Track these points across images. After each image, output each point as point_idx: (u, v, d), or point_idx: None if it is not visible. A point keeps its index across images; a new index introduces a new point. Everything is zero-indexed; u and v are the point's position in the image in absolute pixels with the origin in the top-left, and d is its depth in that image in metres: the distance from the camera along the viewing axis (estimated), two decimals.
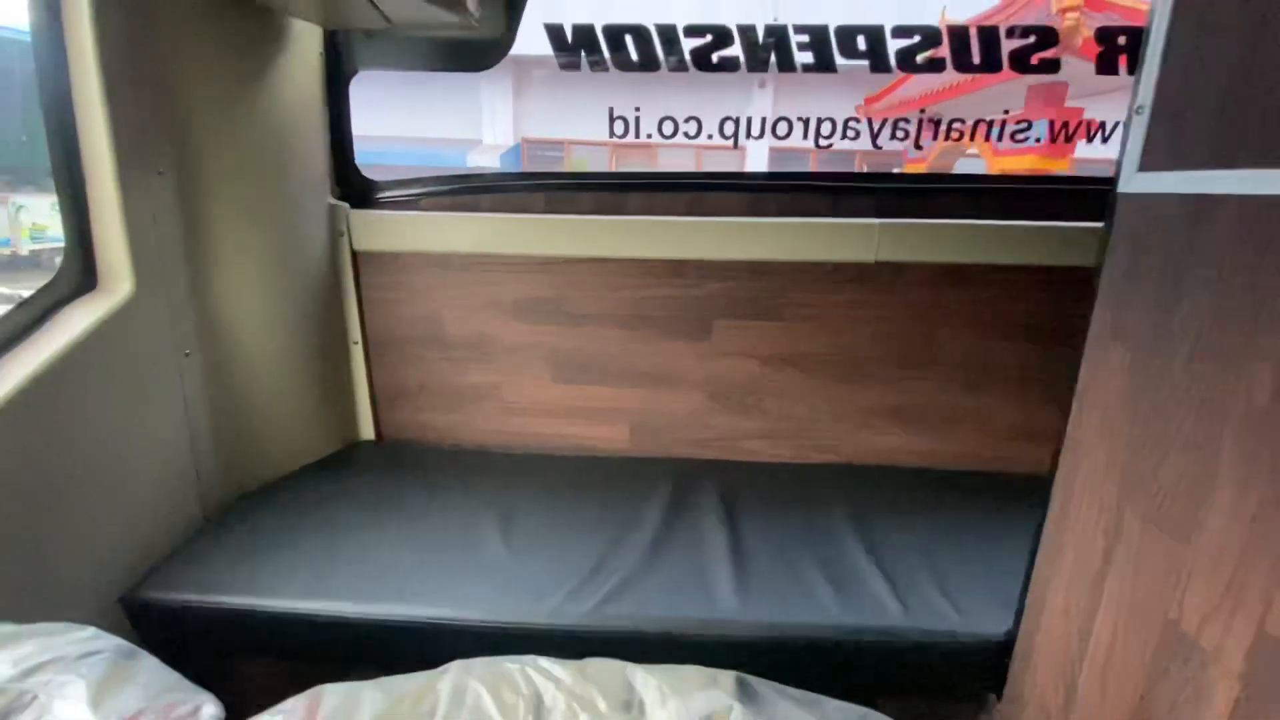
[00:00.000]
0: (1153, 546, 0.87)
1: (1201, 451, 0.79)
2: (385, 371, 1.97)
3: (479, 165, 12.89)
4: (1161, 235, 0.86)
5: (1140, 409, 0.89)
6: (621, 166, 7.15)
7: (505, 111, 13.17)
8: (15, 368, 1.15)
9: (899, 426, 1.88)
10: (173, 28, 1.35)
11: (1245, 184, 0.73)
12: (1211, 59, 0.80)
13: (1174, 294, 0.83)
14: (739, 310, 1.84)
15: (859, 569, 1.39)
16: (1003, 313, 1.78)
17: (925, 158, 7.12)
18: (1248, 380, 0.72)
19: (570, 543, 1.47)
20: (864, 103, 4.37)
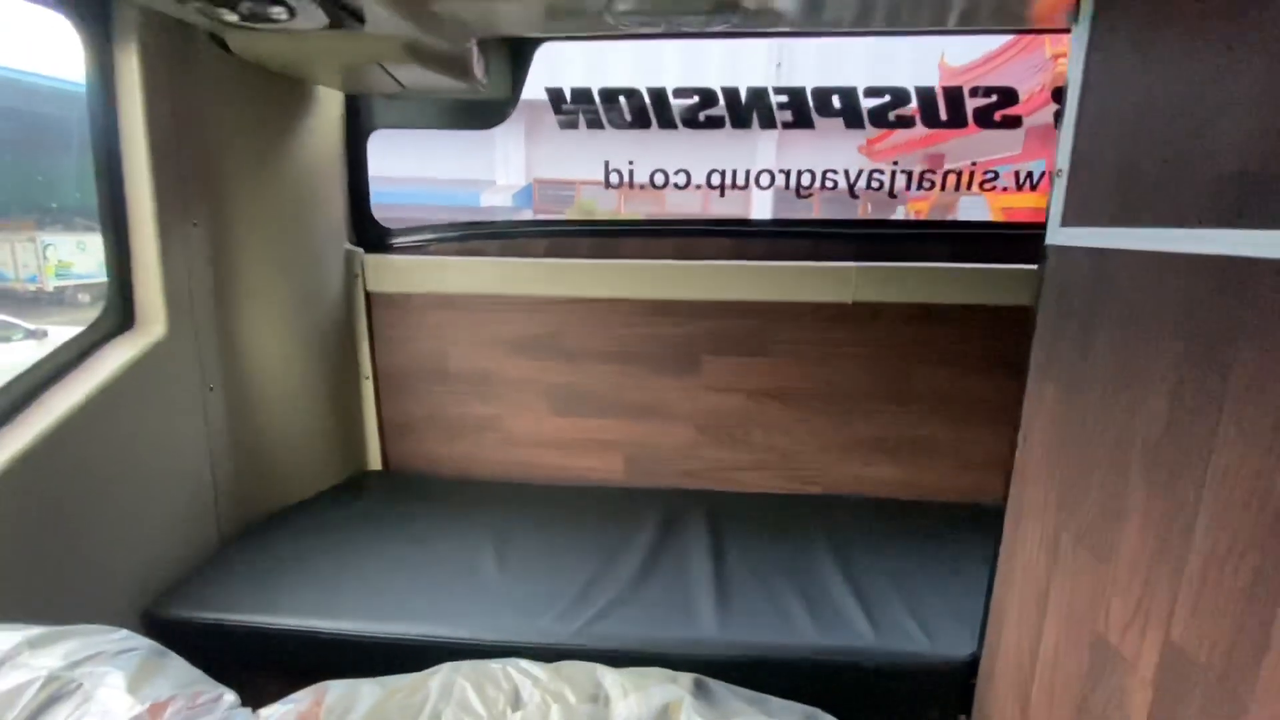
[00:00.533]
0: (1083, 566, 0.95)
1: (1115, 477, 0.87)
2: (393, 404, 2.09)
3: (492, 204, 13.22)
4: (1079, 283, 0.97)
5: (1069, 440, 0.99)
6: (629, 205, 7.40)
7: (518, 154, 13.61)
8: (61, 398, 1.28)
9: (879, 458, 1.96)
10: (212, 94, 1.52)
11: (1139, 241, 0.84)
12: (1111, 129, 0.92)
13: (1089, 336, 0.93)
14: (726, 347, 1.95)
15: (834, 593, 1.46)
16: (976, 349, 1.87)
17: (929, 197, 7.30)
18: (1145, 413, 0.81)
19: (562, 567, 1.55)
20: (866, 144, 4.53)
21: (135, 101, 1.37)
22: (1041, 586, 1.06)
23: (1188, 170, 0.76)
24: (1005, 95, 1.82)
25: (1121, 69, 0.91)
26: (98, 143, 1.39)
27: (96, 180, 1.40)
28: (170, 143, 1.44)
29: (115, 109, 1.38)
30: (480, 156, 13.78)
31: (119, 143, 1.40)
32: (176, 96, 1.44)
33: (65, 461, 1.26)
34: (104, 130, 1.39)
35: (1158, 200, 0.82)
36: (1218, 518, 0.71)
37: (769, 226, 2.00)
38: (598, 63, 2.34)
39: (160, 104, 1.41)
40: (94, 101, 1.37)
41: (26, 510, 1.19)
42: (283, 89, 1.68)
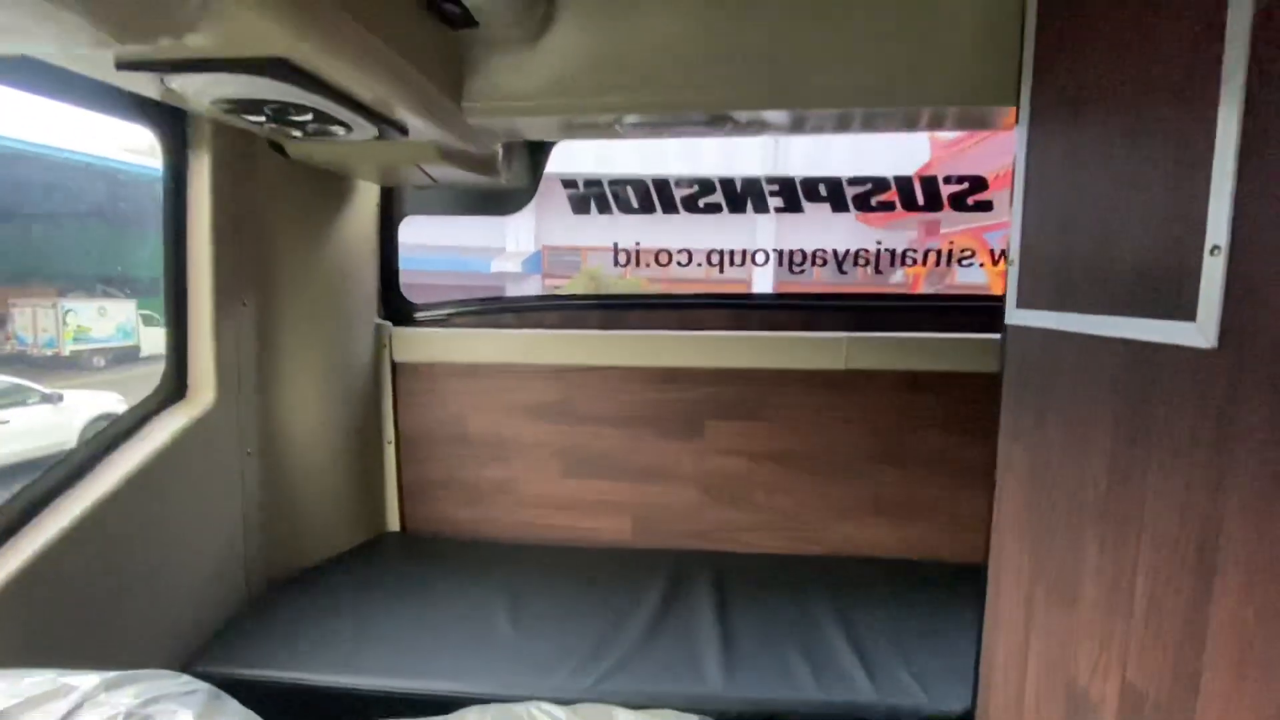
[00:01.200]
0: (1055, 617, 1.04)
1: (1073, 534, 0.98)
2: (414, 467, 2.21)
3: (502, 270, 13.66)
4: (1033, 358, 1.10)
5: (1035, 500, 1.09)
6: (635, 271, 7.71)
7: (528, 223, 14.17)
8: (121, 463, 1.41)
9: (876, 519, 2.04)
10: (268, 191, 1.72)
11: (1074, 324, 0.98)
12: (1049, 224, 1.08)
13: (1044, 405, 1.06)
14: (728, 412, 2.08)
15: (836, 651, 1.52)
16: (963, 414, 1.99)
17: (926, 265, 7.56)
18: (1090, 476, 0.93)
19: (573, 626, 1.63)
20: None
21: (203, 200, 1.57)
22: (1022, 638, 1.14)
23: (1106, 265, 0.91)
24: (975, 182, 2.01)
25: (1053, 170, 1.07)
26: (168, 234, 1.58)
27: (164, 266, 1.58)
28: (229, 233, 1.63)
29: (186, 204, 1.57)
30: (491, 224, 14.34)
31: (186, 234, 1.58)
32: (238, 195, 1.64)
33: (122, 522, 1.37)
34: (174, 223, 1.58)
35: (1085, 289, 0.96)
36: (1153, 567, 0.81)
37: (766, 300, 2.16)
38: (606, 152, 2.57)
39: (224, 201, 1.60)
40: (168, 198, 1.57)
41: (85, 568, 1.30)
42: (328, 183, 1.89)
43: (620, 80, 1.44)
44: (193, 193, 1.58)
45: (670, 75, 1.43)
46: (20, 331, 6.15)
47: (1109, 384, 0.89)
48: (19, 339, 6.24)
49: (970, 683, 1.36)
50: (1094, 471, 0.92)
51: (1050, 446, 1.04)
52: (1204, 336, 0.72)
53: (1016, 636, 1.15)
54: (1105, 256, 0.92)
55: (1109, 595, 0.90)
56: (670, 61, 1.42)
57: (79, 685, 0.86)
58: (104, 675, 0.88)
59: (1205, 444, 0.73)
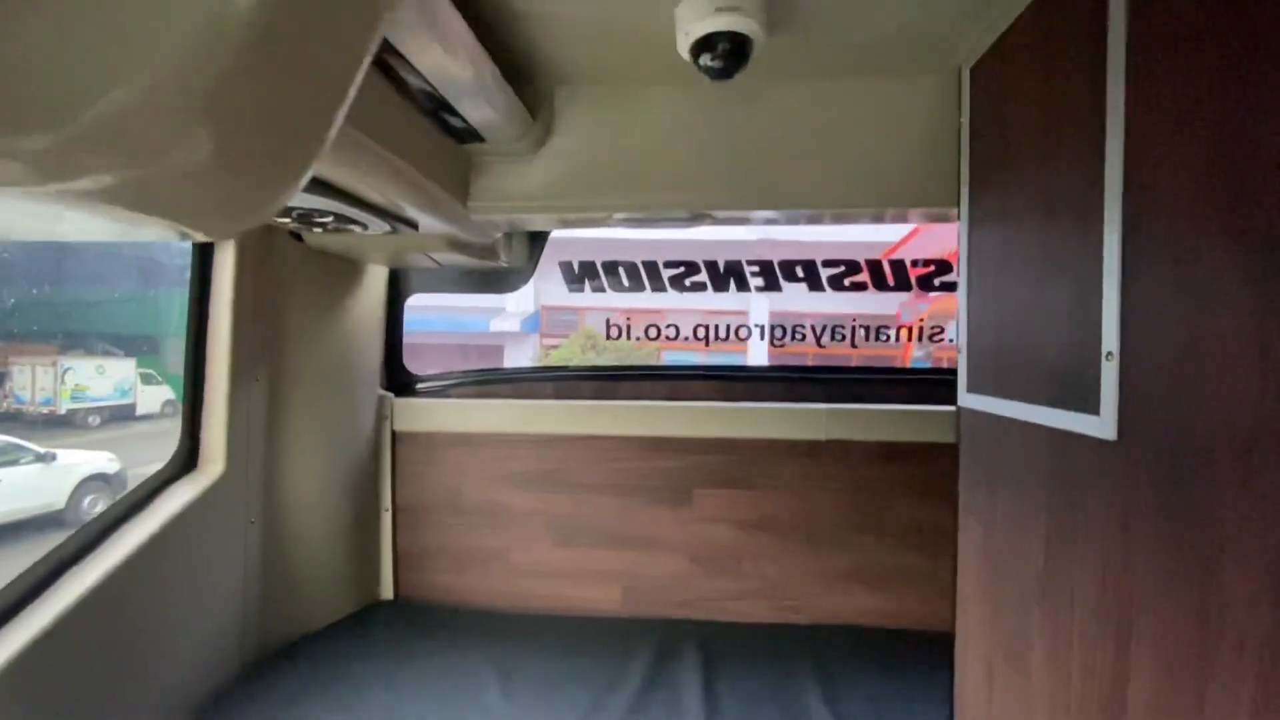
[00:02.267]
0: (1011, 684, 1.10)
1: (1022, 604, 1.06)
2: (408, 536, 2.26)
3: (501, 329, 13.84)
4: (982, 438, 1.21)
5: (990, 570, 1.18)
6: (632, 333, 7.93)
7: (527, 285, 14.52)
8: (135, 533, 1.48)
9: (859, 587, 2.09)
10: (284, 272, 1.86)
11: (1010, 410, 1.09)
12: (988, 317, 1.21)
13: (993, 481, 1.16)
14: (715, 481, 2.16)
15: (817, 718, 1.56)
16: (937, 484, 2.08)
17: (919, 318, 7.77)
18: (1032, 549, 1.02)
19: (563, 694, 1.66)
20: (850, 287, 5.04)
21: (226, 283, 1.70)
22: (986, 706, 1.19)
23: (1033, 359, 1.03)
24: (941, 266, 2.18)
25: (988, 269, 1.21)
26: (191, 313, 1.70)
27: (186, 345, 1.70)
28: (248, 314, 1.76)
29: (209, 287, 1.71)
30: None
31: (209, 314, 1.71)
32: (258, 279, 1.78)
33: (129, 594, 1.43)
34: (199, 304, 1.71)
35: (1019, 379, 1.08)
36: (1084, 636, 0.89)
37: (751, 372, 2.28)
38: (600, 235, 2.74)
39: (245, 284, 1.74)
40: (194, 282, 1.70)
41: (90, 638, 1.35)
42: (340, 268, 2.04)
43: (611, 183, 1.60)
44: (216, 276, 1.71)
45: (656, 179, 1.60)
46: (18, 390, 6.19)
47: (1042, 467, 1.00)
48: (16, 398, 6.28)
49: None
50: (1033, 546, 1.01)
51: (998, 521, 1.13)
52: (1107, 429, 0.83)
53: (980, 705, 1.21)
54: (1032, 351, 1.04)
55: (1052, 664, 0.97)
56: (656, 168, 1.59)
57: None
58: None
59: (1115, 526, 0.83)
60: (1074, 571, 0.91)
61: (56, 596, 1.32)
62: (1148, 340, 0.78)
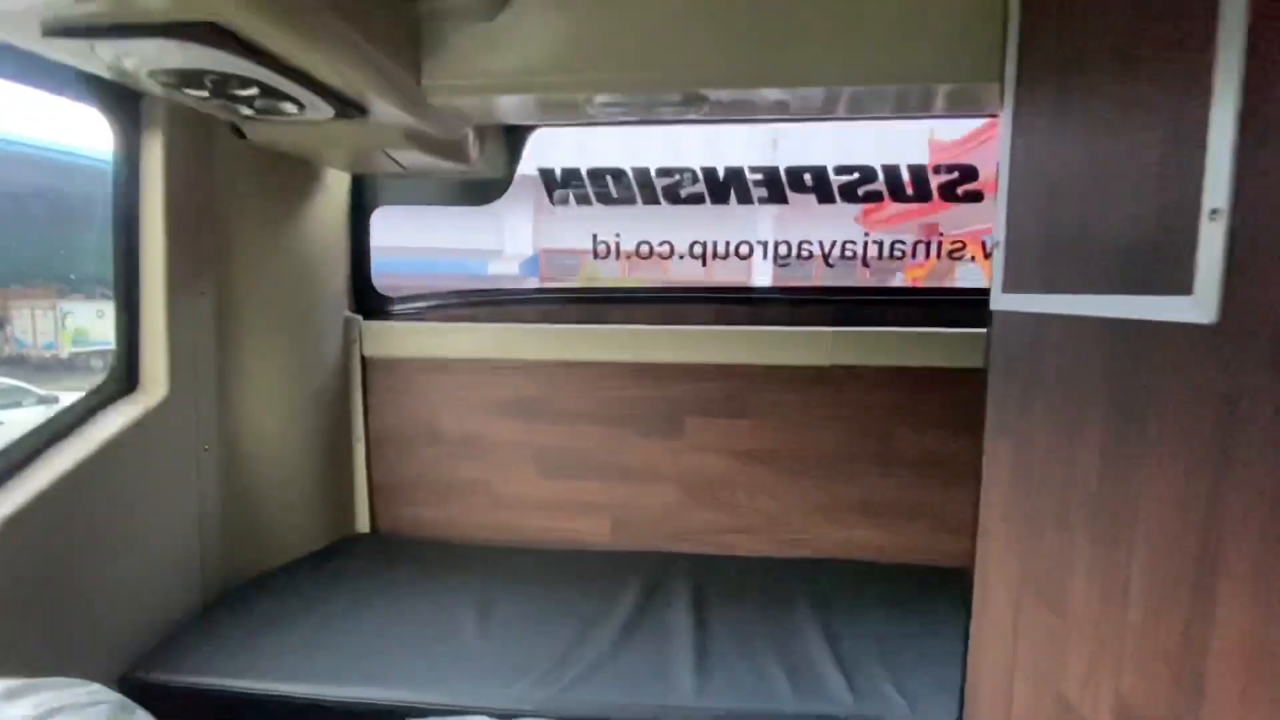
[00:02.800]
0: (1043, 623, 0.96)
1: (1062, 531, 0.90)
2: (384, 467, 2.13)
3: (499, 273, 13.64)
4: (1019, 345, 1.03)
5: (1022, 497, 1.02)
6: (634, 274, 7.67)
7: (525, 226, 14.17)
8: (62, 458, 1.33)
9: (863, 521, 1.96)
10: (228, 176, 1.65)
11: (1062, 306, 0.90)
12: (1034, 205, 1.01)
13: (1030, 393, 0.98)
14: (709, 409, 2.00)
15: (815, 659, 1.44)
16: (953, 412, 1.91)
17: (924, 265, 7.48)
18: (1082, 467, 0.85)
19: (542, 631, 1.55)
20: (863, 214, 4.77)
21: (157, 185, 1.50)
22: (1009, 647, 1.06)
23: (1095, 241, 0.84)
24: (966, 172, 1.95)
25: (1039, 151, 1.00)
26: (118, 219, 1.51)
27: (114, 253, 1.51)
28: (186, 220, 1.56)
29: (138, 190, 1.50)
30: (489, 228, 14.35)
31: (139, 220, 1.51)
32: (194, 179, 1.57)
33: (61, 520, 1.30)
34: (126, 208, 1.50)
35: (1073, 269, 0.89)
36: (1150, 568, 0.73)
37: (750, 293, 2.09)
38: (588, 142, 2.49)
39: (179, 186, 1.53)
40: (119, 182, 1.50)
41: (18, 567, 1.22)
42: (294, 171, 1.82)
43: (589, 57, 1.37)
44: (146, 176, 1.51)
45: (643, 52, 1.36)
46: (20, 335, 6.10)
47: (1099, 369, 0.82)
48: (19, 342, 6.20)
49: (956, 695, 1.28)
50: (1084, 466, 0.85)
51: (1037, 440, 0.96)
52: (1202, 311, 0.65)
53: (1004, 646, 1.08)
54: (1094, 231, 0.85)
55: (1101, 600, 0.82)
56: (643, 37, 1.35)
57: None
58: (7, 683, 0.80)
59: (1205, 432, 0.65)
60: (1140, 493, 0.74)
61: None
62: (1273, 190, 0.59)
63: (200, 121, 1.55)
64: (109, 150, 1.49)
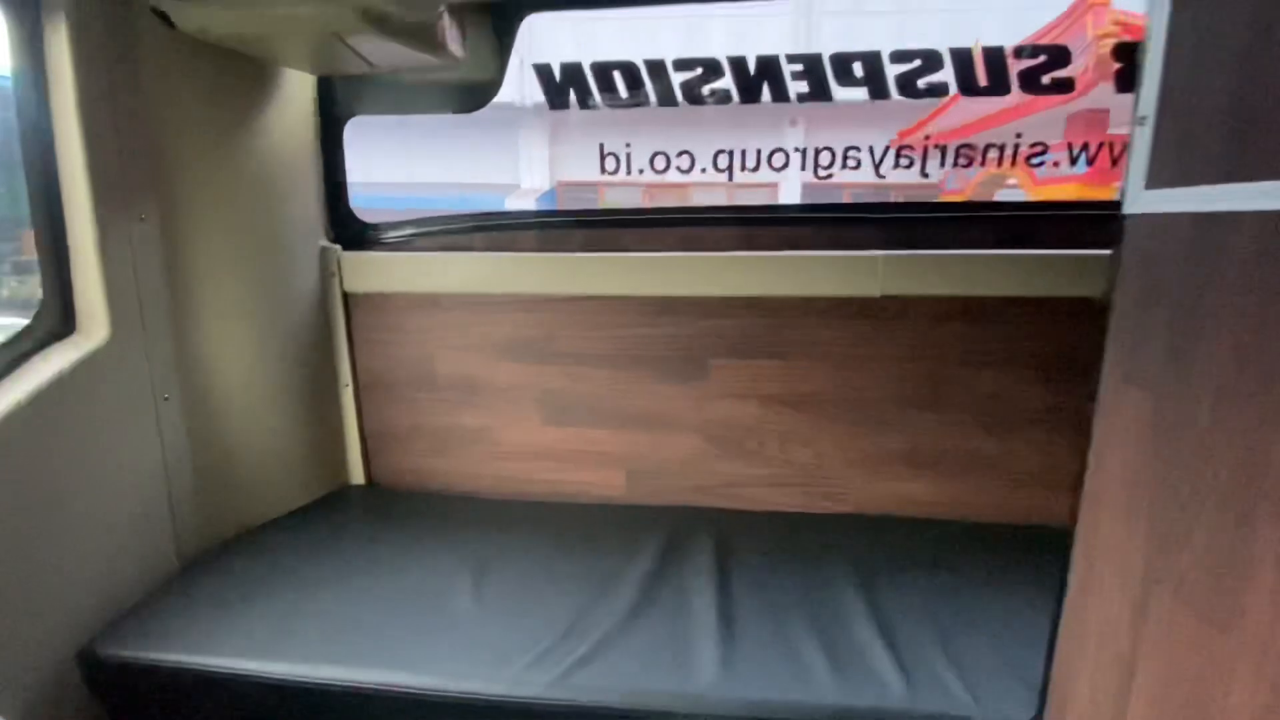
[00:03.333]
0: (1187, 630, 0.72)
1: (1236, 518, 0.65)
2: (376, 414, 1.94)
3: (516, 208, 13.28)
4: (1175, 260, 0.74)
5: (1164, 464, 0.76)
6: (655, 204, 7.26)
7: (541, 157, 13.62)
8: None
9: (913, 472, 1.72)
10: (158, 76, 1.38)
11: (1263, 198, 0.61)
12: (1220, 58, 0.69)
13: (1192, 328, 0.71)
14: (736, 349, 1.75)
15: (860, 639, 1.24)
16: (1023, 349, 1.63)
17: (963, 190, 6.90)
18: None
19: (545, 601, 1.37)
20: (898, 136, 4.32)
21: (66, 84, 1.24)
22: (1125, 648, 0.83)
23: None
24: (1056, 55, 1.58)
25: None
26: (27, 131, 1.26)
27: (26, 171, 1.27)
28: (109, 129, 1.31)
29: (45, 91, 1.25)
30: (504, 161, 13.84)
31: (51, 130, 1.26)
32: (115, 78, 1.31)
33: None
34: (34, 117, 1.26)
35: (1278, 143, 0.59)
36: None
37: (785, 212, 1.79)
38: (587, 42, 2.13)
39: (96, 86, 1.27)
40: (22, 84, 1.24)
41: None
42: (242, 70, 1.54)
43: None
44: (53, 75, 1.25)
45: None
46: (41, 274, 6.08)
47: None
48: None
49: (1034, 687, 1.06)
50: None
51: (1199, 391, 0.69)
52: None
53: (1116, 644, 0.84)
54: None
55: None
56: None
57: None
58: None
59: None
60: None
61: None
62: None
63: (114, 5, 1.27)
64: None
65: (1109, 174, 1.99)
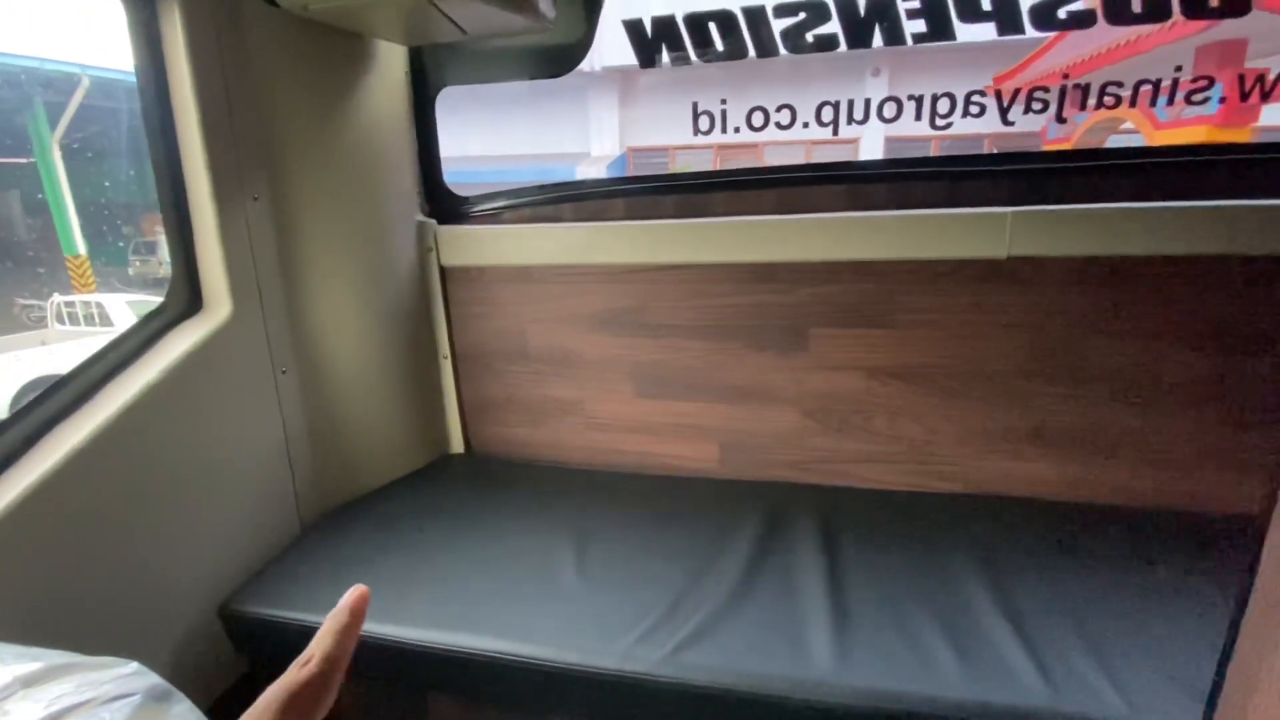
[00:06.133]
0: None
1: None
2: (473, 385, 1.97)
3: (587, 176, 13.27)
4: None
5: None
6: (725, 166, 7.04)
7: (611, 123, 13.48)
8: (125, 387, 1.23)
9: (1039, 451, 1.58)
10: (263, 58, 1.41)
11: None
12: None
13: None
14: (840, 318, 1.64)
15: (988, 628, 1.15)
16: (1175, 315, 1.44)
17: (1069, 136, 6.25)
18: None
19: (649, 575, 1.35)
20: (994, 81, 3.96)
21: (183, 71, 1.28)
22: None
23: None
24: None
25: None
26: (150, 120, 1.31)
27: (152, 157, 1.33)
28: (222, 111, 1.34)
29: (165, 80, 1.30)
30: (574, 129, 13.78)
31: (172, 116, 1.32)
32: (226, 61, 1.34)
33: (132, 453, 1.21)
34: (157, 106, 1.31)
35: None
36: None
37: (894, 167, 1.64)
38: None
39: (209, 70, 1.31)
40: (143, 75, 1.29)
41: (92, 507, 1.15)
42: (339, 45, 1.55)
43: None
44: (171, 64, 1.29)
45: None
46: (170, 256, 6.66)
47: None
48: (169, 263, 6.75)
49: (1198, 694, 0.95)
50: None
51: None
52: None
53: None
54: None
55: None
56: None
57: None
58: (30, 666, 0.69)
59: None
60: None
61: (42, 458, 1.10)
62: None
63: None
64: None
65: (1243, 112, 1.69)
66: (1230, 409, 1.47)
